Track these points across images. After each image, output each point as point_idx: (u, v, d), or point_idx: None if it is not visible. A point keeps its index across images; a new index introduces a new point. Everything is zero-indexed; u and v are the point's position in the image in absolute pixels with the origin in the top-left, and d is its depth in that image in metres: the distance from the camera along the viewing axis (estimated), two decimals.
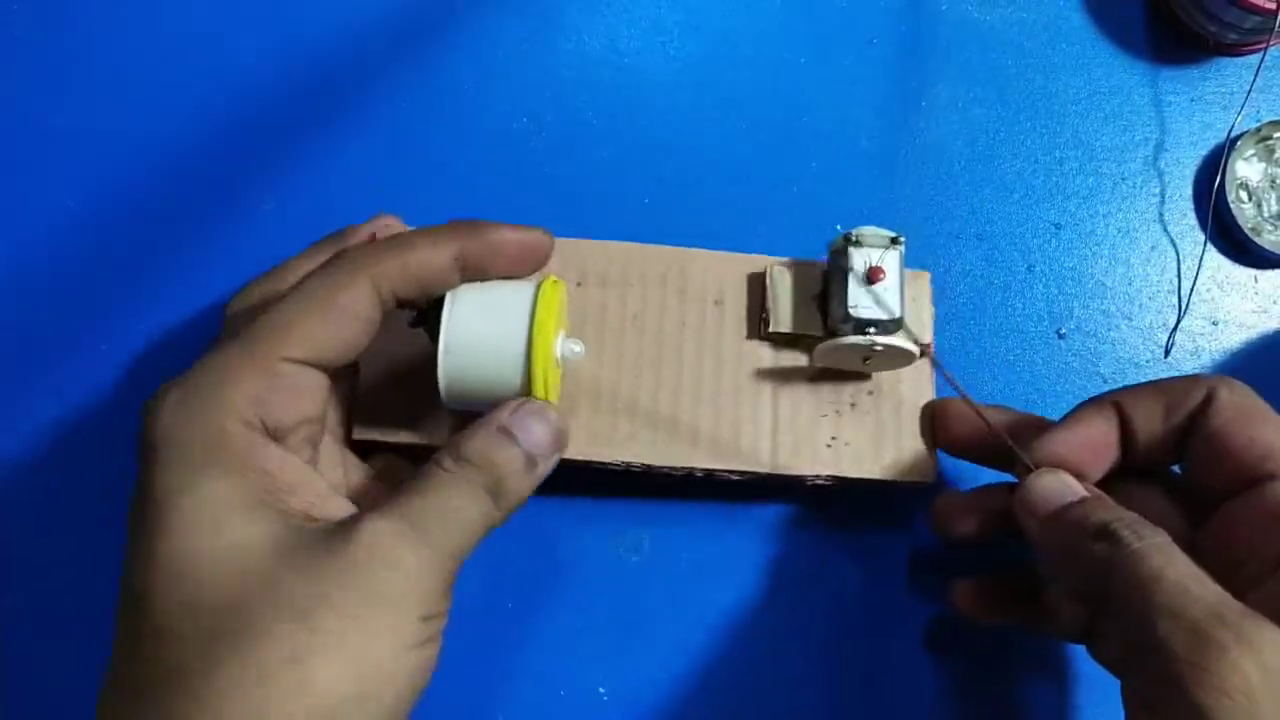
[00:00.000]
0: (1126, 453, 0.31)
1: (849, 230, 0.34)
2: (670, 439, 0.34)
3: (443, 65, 0.42)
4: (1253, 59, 0.43)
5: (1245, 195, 0.42)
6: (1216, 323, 0.41)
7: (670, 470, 0.34)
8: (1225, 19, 0.41)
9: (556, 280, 0.31)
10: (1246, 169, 0.42)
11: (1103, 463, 0.31)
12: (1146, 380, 0.32)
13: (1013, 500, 0.31)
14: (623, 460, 0.34)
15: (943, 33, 0.43)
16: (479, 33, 0.42)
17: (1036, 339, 0.40)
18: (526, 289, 0.30)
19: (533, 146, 0.41)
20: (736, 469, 0.34)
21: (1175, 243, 0.42)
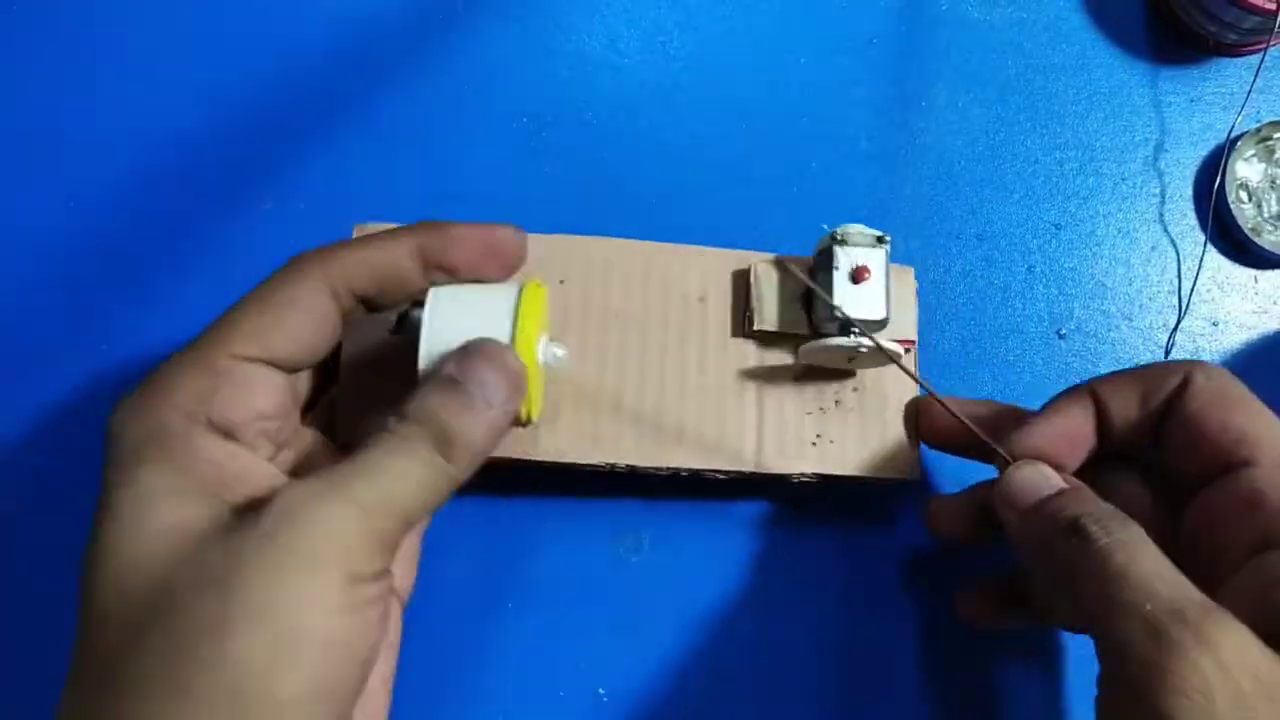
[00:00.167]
0: (1105, 440, 0.31)
1: (835, 229, 0.34)
2: (655, 439, 0.34)
3: (443, 65, 0.42)
4: (1253, 59, 0.43)
5: (1245, 196, 0.42)
6: (1216, 323, 0.41)
7: (655, 470, 0.34)
8: (1225, 19, 0.41)
9: (539, 284, 0.30)
10: (1246, 169, 0.42)
11: (1080, 452, 0.31)
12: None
13: (993, 495, 0.30)
14: (606, 461, 0.34)
15: (942, 33, 0.43)
16: (479, 33, 0.42)
17: (1037, 339, 0.40)
18: (508, 294, 0.29)
19: (533, 146, 0.41)
20: (721, 468, 0.34)
21: (1175, 243, 0.42)
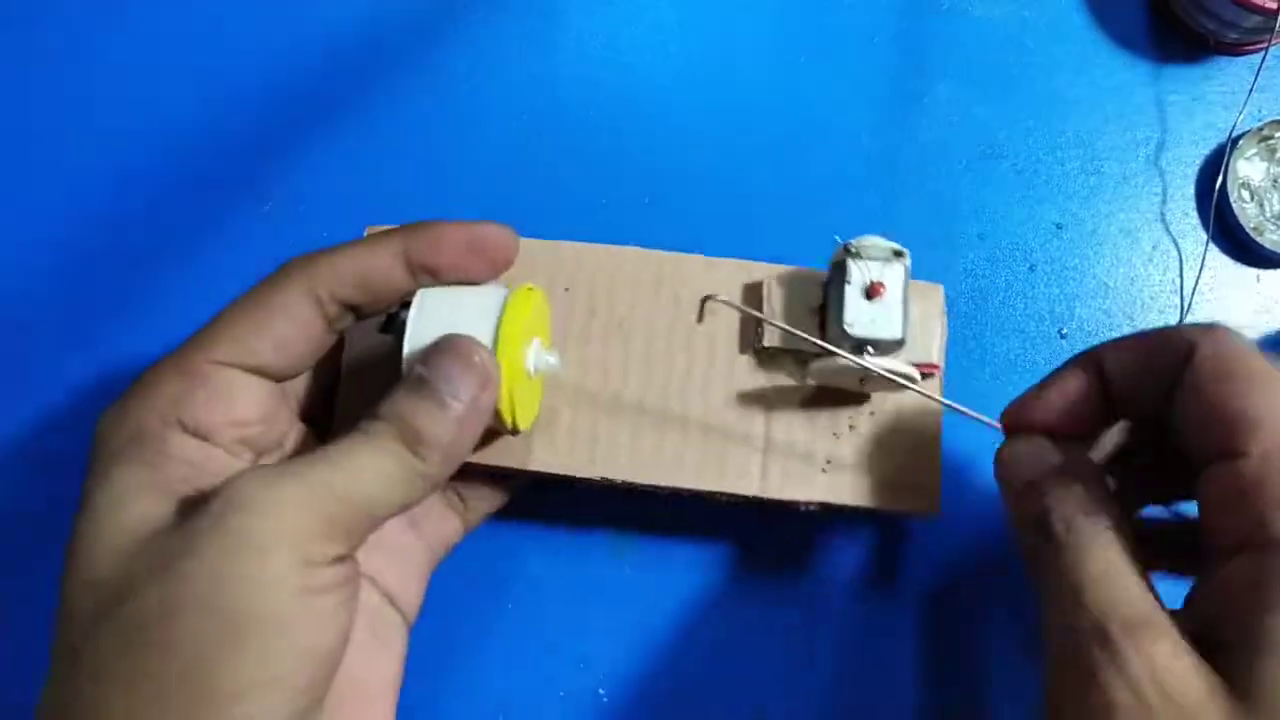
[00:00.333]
0: (1114, 407, 0.29)
1: (849, 240, 0.32)
2: (655, 457, 0.33)
3: (443, 65, 0.42)
4: (1254, 58, 0.43)
5: (1247, 195, 0.42)
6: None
7: (654, 489, 0.33)
8: (1225, 18, 0.41)
9: (533, 288, 0.30)
10: (1248, 168, 0.42)
11: (1082, 421, 0.29)
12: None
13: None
14: (604, 477, 0.33)
15: (944, 31, 0.43)
16: (479, 33, 0.42)
17: (1038, 339, 0.40)
18: (494, 296, 0.29)
19: (532, 146, 0.41)
20: (723, 491, 0.33)
21: (1177, 242, 0.42)
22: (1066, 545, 0.26)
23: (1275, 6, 0.39)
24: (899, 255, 0.32)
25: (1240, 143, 0.41)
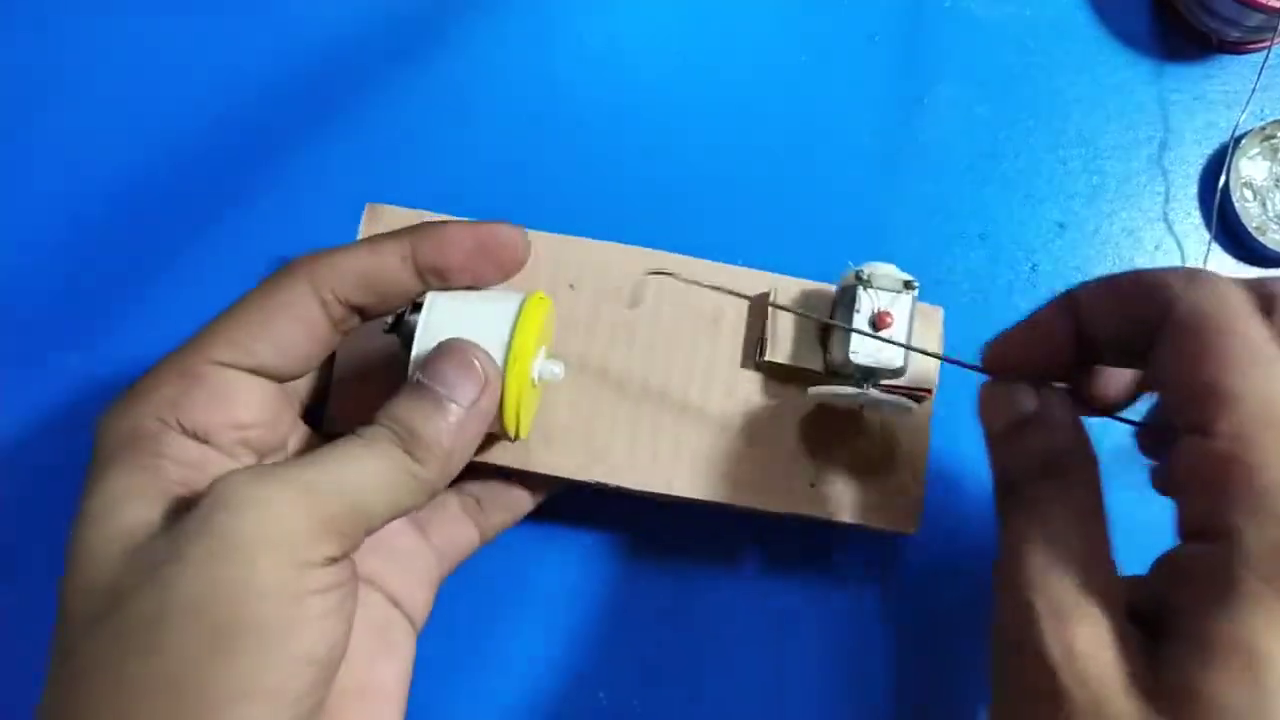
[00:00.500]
0: (1094, 352, 0.27)
1: (860, 266, 0.32)
2: (649, 462, 0.33)
3: (442, 65, 0.42)
4: (1257, 57, 0.43)
5: (1250, 194, 0.41)
6: None
7: (644, 494, 0.33)
8: (1228, 16, 0.41)
9: (543, 296, 0.29)
10: (1251, 168, 0.42)
11: (1059, 365, 0.27)
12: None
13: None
14: (598, 481, 0.33)
15: (945, 30, 0.43)
16: (479, 33, 0.42)
17: None
18: (508, 304, 0.28)
19: (532, 148, 0.41)
20: (712, 500, 0.33)
21: (1180, 242, 0.41)
22: (1016, 510, 0.25)
23: (1278, 5, 0.39)
24: (909, 286, 0.32)
25: (1243, 142, 0.41)
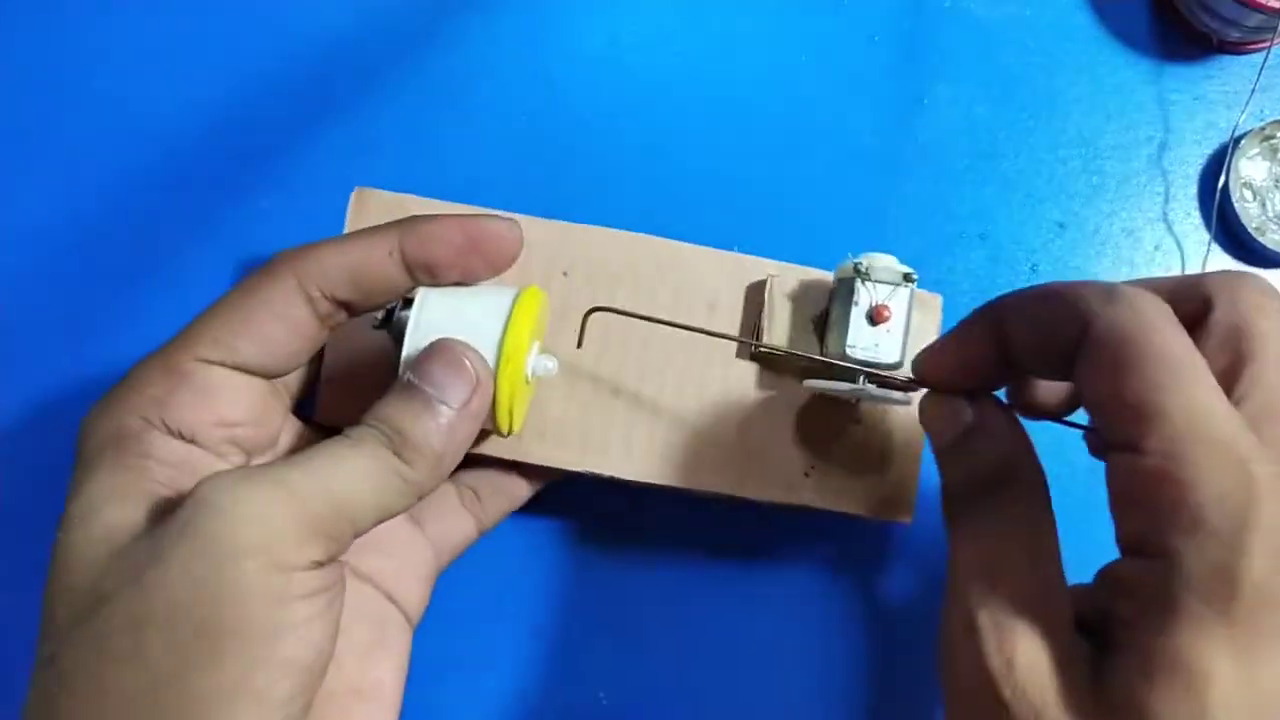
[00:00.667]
0: (1020, 368, 0.26)
1: (859, 258, 0.32)
2: (644, 451, 0.33)
3: (442, 64, 0.41)
4: (1256, 57, 0.43)
5: (1250, 194, 0.41)
6: None
7: (639, 484, 0.33)
8: (1228, 16, 0.41)
9: (536, 291, 0.29)
10: (1251, 168, 0.42)
11: (986, 379, 0.27)
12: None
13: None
14: (591, 471, 0.32)
15: (945, 30, 0.43)
16: (478, 32, 0.42)
17: None
18: (500, 301, 0.28)
19: (531, 145, 0.41)
20: (708, 490, 0.33)
21: (1180, 242, 0.41)
22: (960, 525, 0.25)
23: (1278, 5, 0.39)
24: (908, 279, 0.32)
25: (1243, 142, 0.41)
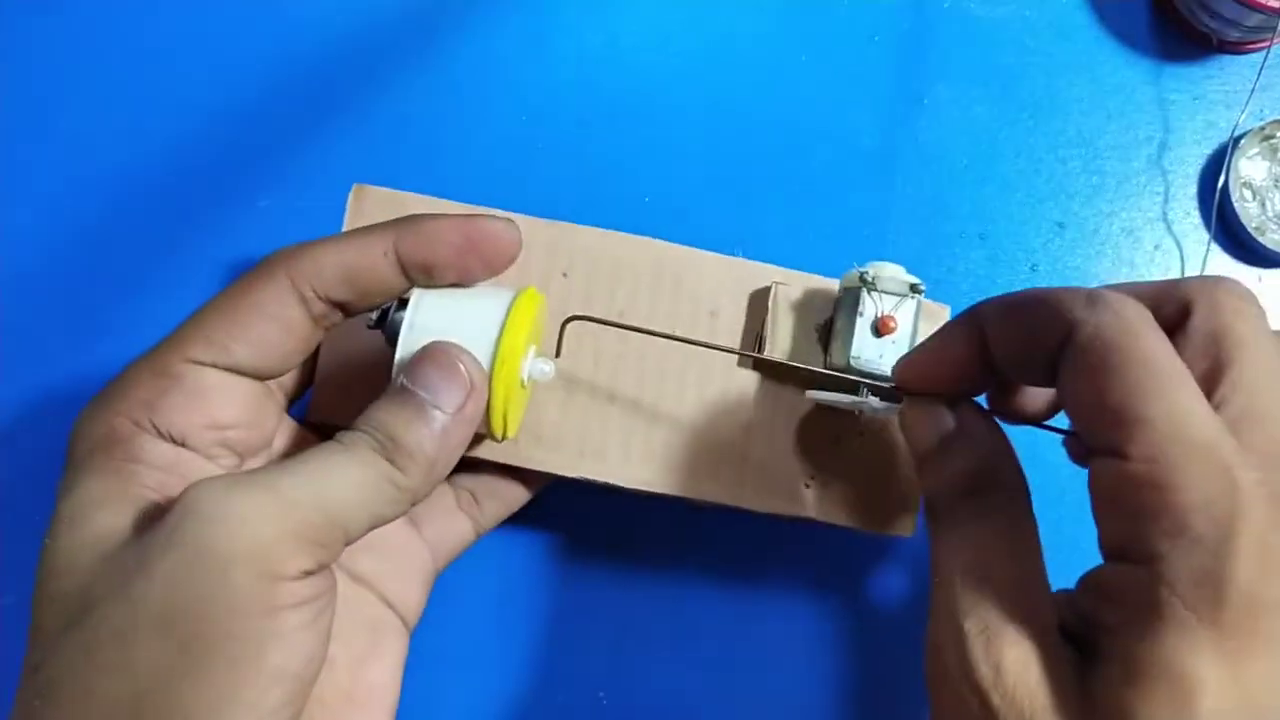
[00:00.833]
0: (1001, 373, 0.26)
1: (865, 267, 0.31)
2: (642, 458, 0.32)
3: (442, 64, 0.41)
4: (1256, 57, 0.43)
5: (1249, 194, 0.41)
6: None
7: (634, 492, 0.32)
8: (1228, 16, 0.41)
9: (534, 294, 0.29)
10: (1250, 168, 0.42)
11: (969, 384, 0.27)
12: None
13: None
14: (587, 477, 0.32)
15: (945, 30, 0.43)
16: (478, 31, 0.42)
17: None
18: (497, 303, 0.27)
19: (530, 144, 0.41)
20: (706, 500, 0.32)
21: (1179, 242, 0.41)
22: (943, 532, 0.25)
23: (1278, 5, 0.39)
24: (915, 290, 0.31)
25: (1242, 142, 0.41)
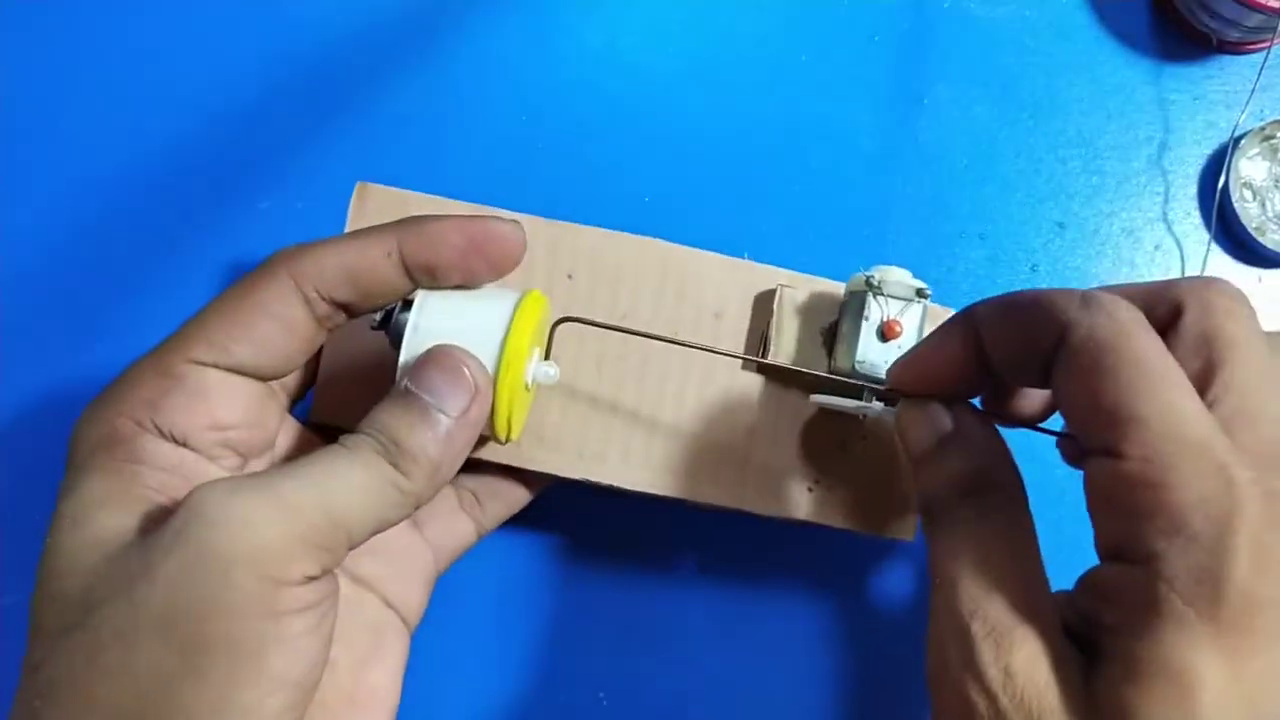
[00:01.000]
0: (996, 373, 0.26)
1: (871, 271, 0.31)
2: (643, 460, 0.32)
3: (442, 64, 0.41)
4: (1256, 57, 0.43)
5: (1249, 194, 0.41)
6: None
7: (635, 493, 0.32)
8: (1228, 16, 0.41)
9: (539, 297, 0.28)
10: (1250, 168, 0.42)
11: (965, 385, 0.27)
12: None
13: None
14: (588, 479, 0.32)
15: (945, 30, 0.43)
16: (478, 31, 0.42)
17: None
18: (502, 306, 0.27)
19: (533, 145, 0.41)
20: (707, 501, 0.32)
21: (1179, 242, 0.41)
22: (943, 533, 0.25)
23: (1278, 5, 0.39)
24: (921, 294, 0.31)
25: (1242, 142, 0.41)
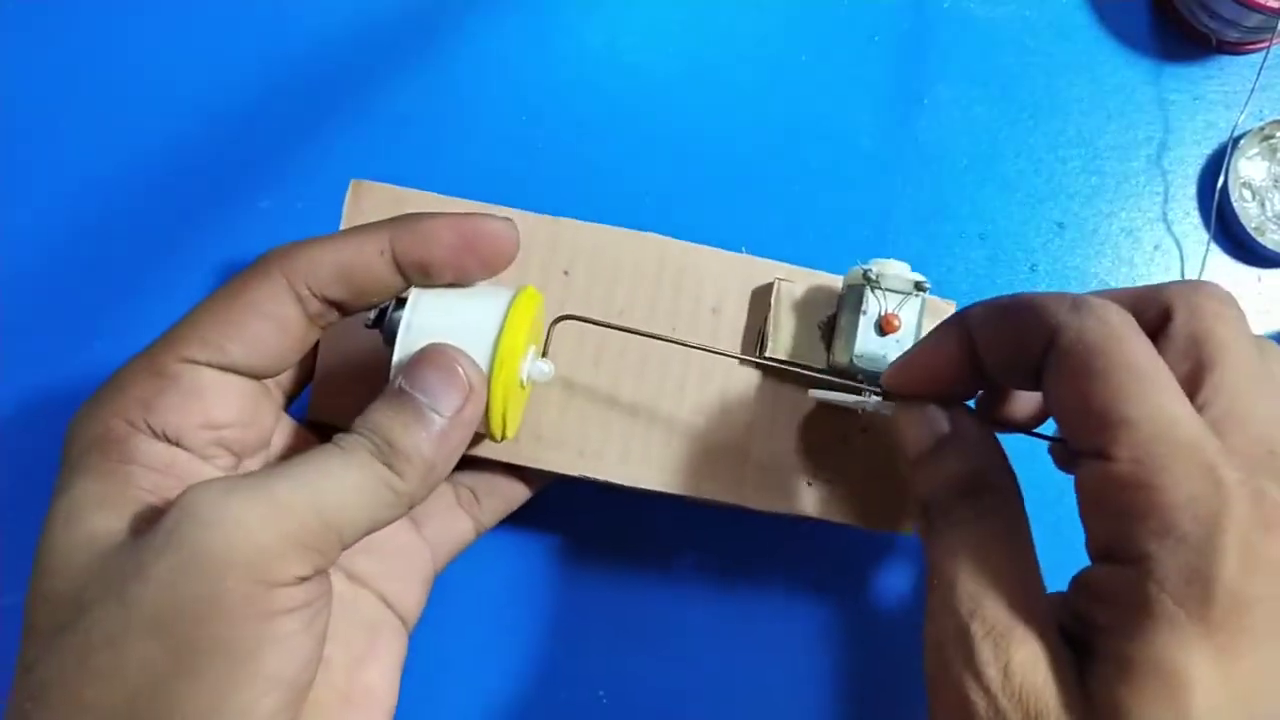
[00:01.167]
0: (989, 377, 0.26)
1: (869, 264, 0.31)
2: (642, 457, 0.32)
3: (442, 63, 0.41)
4: (1255, 57, 0.43)
5: (1249, 194, 0.41)
6: None
7: (635, 490, 0.32)
8: (1227, 16, 0.41)
9: (533, 293, 0.28)
10: (1250, 168, 0.42)
11: (959, 388, 0.27)
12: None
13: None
14: (587, 475, 0.32)
15: (945, 30, 0.43)
16: (478, 31, 0.42)
17: None
18: (496, 303, 0.27)
19: (533, 144, 0.41)
20: (706, 497, 0.32)
21: (1179, 242, 0.41)
22: (941, 534, 0.25)
23: (1277, 5, 0.39)
24: (920, 288, 0.31)
25: (1242, 142, 0.41)
